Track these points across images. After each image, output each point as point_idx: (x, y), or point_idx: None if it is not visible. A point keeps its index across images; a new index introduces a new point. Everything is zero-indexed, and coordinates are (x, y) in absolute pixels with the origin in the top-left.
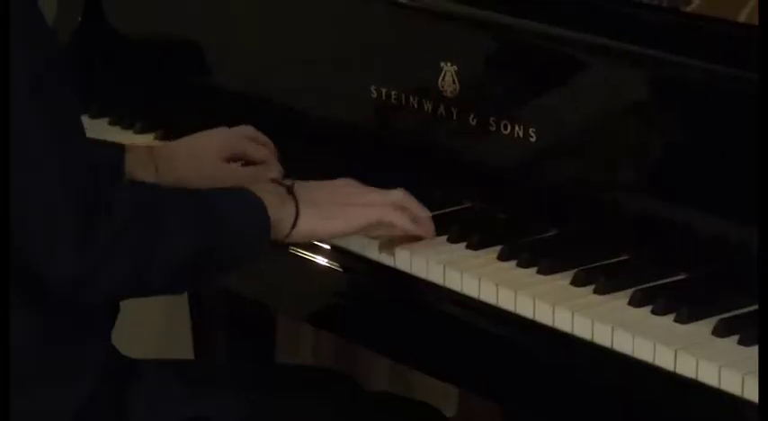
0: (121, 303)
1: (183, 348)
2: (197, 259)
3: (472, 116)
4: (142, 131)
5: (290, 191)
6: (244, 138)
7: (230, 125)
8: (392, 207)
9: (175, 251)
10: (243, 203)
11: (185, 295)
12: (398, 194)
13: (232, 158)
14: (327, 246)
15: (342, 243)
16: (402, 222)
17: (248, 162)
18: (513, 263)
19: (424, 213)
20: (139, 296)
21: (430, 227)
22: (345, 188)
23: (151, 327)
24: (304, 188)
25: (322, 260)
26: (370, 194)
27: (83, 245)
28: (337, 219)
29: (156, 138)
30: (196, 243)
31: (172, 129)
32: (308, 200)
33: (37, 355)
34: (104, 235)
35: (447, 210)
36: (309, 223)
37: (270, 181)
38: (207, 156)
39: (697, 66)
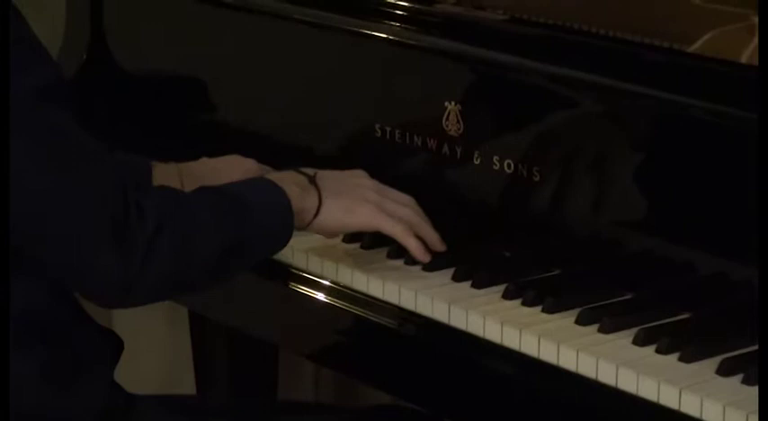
0: (123, 338)
1: (185, 383)
2: (230, 252)
3: (476, 155)
4: None
5: (312, 181)
6: (267, 171)
7: None
8: (405, 226)
9: (209, 245)
10: (265, 195)
11: (187, 330)
12: (411, 213)
13: None
14: (329, 283)
15: (345, 280)
16: (412, 245)
17: None
18: (517, 301)
19: (433, 239)
20: (181, 294)
21: (438, 240)
22: (364, 182)
23: (153, 362)
24: (326, 179)
25: (324, 297)
26: (390, 204)
27: (123, 251)
28: (358, 215)
29: None
30: (227, 236)
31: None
32: (330, 191)
33: (37, 394)
34: (142, 238)
35: (452, 249)
36: (332, 214)
37: (292, 170)
38: (232, 177)
39: (699, 106)
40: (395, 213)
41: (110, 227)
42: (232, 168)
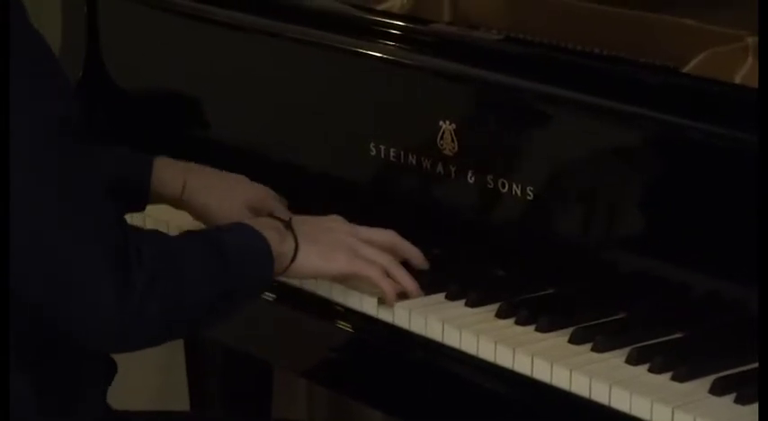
0: (119, 356)
1: (179, 400)
2: (218, 298)
3: (470, 174)
4: None
5: (288, 226)
6: (273, 197)
7: None
8: (381, 269)
9: (199, 294)
10: (248, 241)
11: (182, 348)
12: (384, 256)
13: (252, 208)
14: (324, 302)
15: (339, 299)
16: (387, 288)
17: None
18: (511, 320)
19: (418, 259)
20: (175, 338)
21: (414, 286)
22: (340, 227)
23: (147, 378)
24: (301, 224)
25: (319, 316)
26: (365, 247)
27: (122, 293)
28: (334, 261)
29: None
30: (215, 286)
31: None
32: (306, 237)
33: (33, 417)
34: (140, 282)
35: (445, 268)
36: (309, 259)
37: (268, 216)
38: (236, 197)
39: (693, 126)
40: (369, 257)
41: (111, 271)
42: (234, 192)
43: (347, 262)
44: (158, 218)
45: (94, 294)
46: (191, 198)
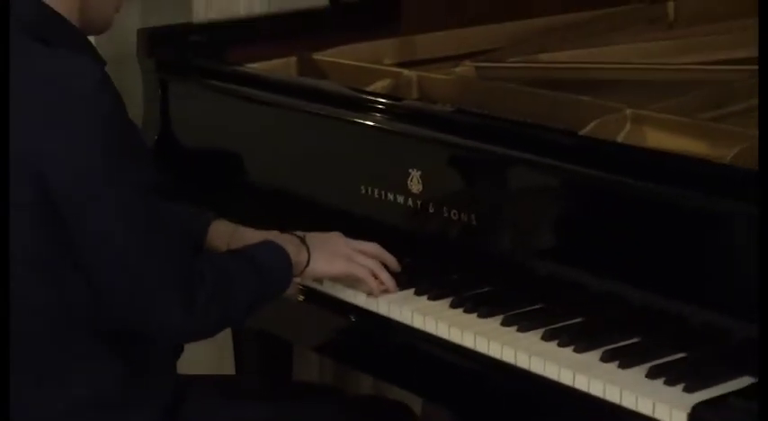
0: None
1: (228, 367)
2: (255, 301)
3: (431, 206)
4: None
5: (303, 241)
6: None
7: (261, 216)
8: (370, 271)
9: (244, 301)
10: (278, 257)
11: (230, 331)
12: (372, 262)
13: None
14: (328, 296)
15: (339, 294)
16: (373, 285)
17: None
18: (460, 309)
19: (395, 265)
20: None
21: (393, 283)
22: (339, 240)
23: (206, 353)
24: (312, 239)
25: (325, 307)
26: (358, 255)
27: (189, 308)
28: (335, 266)
29: None
30: (255, 294)
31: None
32: (315, 248)
33: (122, 389)
34: (201, 299)
35: (414, 271)
36: (317, 265)
37: (288, 233)
38: None
39: (587, 172)
40: (361, 262)
41: (180, 291)
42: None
43: (345, 266)
44: None
45: (167, 308)
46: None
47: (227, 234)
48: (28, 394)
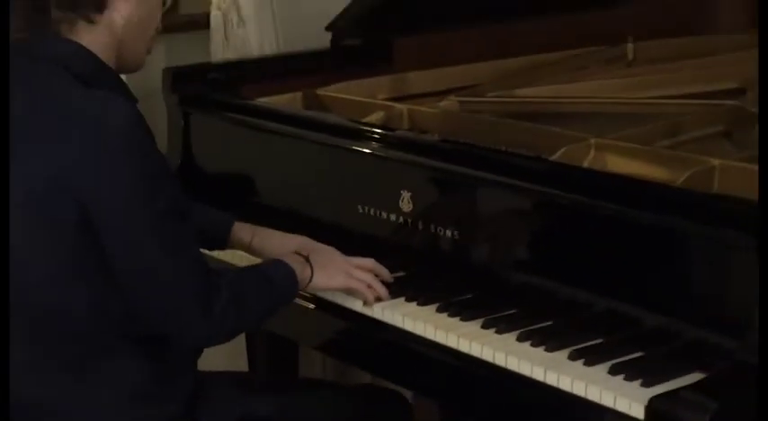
0: None
1: (241, 364)
2: (266, 313)
3: (420, 223)
4: None
5: (307, 260)
6: (308, 241)
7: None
8: (365, 283)
9: (254, 312)
10: (285, 273)
11: (244, 334)
12: (367, 275)
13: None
14: (330, 303)
15: (339, 301)
16: (368, 295)
17: None
18: (445, 314)
19: (388, 276)
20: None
21: (385, 292)
22: (338, 257)
23: (221, 350)
24: (314, 255)
25: (327, 312)
26: (355, 270)
27: (208, 317)
28: (335, 280)
29: None
30: (264, 306)
31: None
32: (318, 265)
33: (152, 384)
34: (218, 310)
35: (404, 281)
36: (320, 279)
37: (294, 253)
38: (286, 245)
39: (556, 193)
40: (358, 277)
41: (198, 301)
42: (285, 242)
43: (344, 280)
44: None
45: (190, 318)
46: (255, 246)
47: (250, 229)
48: (73, 391)
